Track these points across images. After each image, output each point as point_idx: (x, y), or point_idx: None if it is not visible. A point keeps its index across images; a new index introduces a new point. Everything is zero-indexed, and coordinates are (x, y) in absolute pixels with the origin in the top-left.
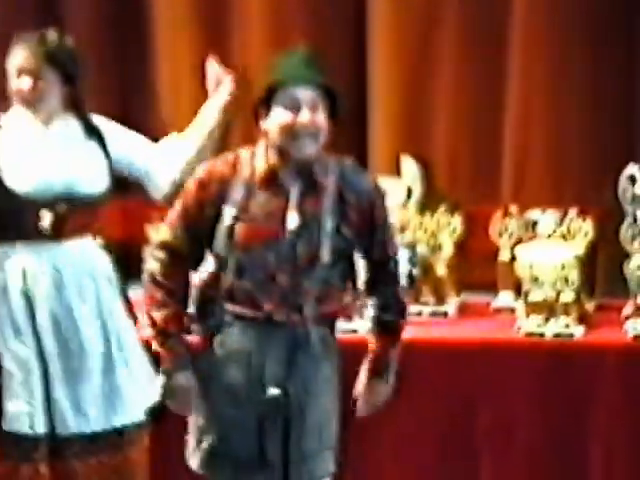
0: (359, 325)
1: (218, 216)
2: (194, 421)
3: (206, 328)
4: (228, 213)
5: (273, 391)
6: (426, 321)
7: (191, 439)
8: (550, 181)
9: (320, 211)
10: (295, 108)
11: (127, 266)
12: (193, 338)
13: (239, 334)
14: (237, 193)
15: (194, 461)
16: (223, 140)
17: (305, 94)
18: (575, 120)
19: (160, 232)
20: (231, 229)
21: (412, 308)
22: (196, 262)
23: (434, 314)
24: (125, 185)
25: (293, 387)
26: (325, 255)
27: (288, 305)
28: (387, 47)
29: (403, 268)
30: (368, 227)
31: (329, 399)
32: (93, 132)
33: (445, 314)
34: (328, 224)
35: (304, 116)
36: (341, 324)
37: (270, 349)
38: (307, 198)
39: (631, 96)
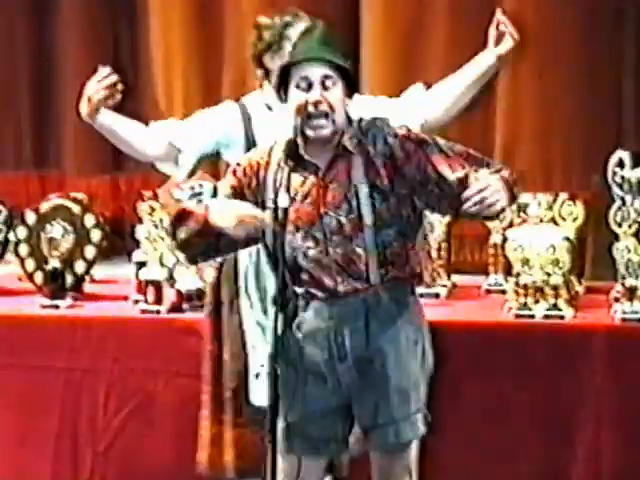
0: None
1: (257, 204)
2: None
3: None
4: (268, 199)
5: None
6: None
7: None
8: (540, 166)
9: (352, 177)
10: (307, 86)
11: (119, 244)
12: None
13: (313, 314)
14: (272, 178)
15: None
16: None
17: (315, 72)
18: (564, 106)
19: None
20: (274, 214)
21: None
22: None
23: (425, 295)
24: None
25: (374, 354)
26: (368, 218)
27: (350, 276)
28: (378, 42)
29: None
30: (412, 169)
31: (415, 362)
32: None
33: (437, 296)
34: (364, 188)
35: (314, 94)
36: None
37: (346, 323)
38: (338, 169)
39: (619, 81)
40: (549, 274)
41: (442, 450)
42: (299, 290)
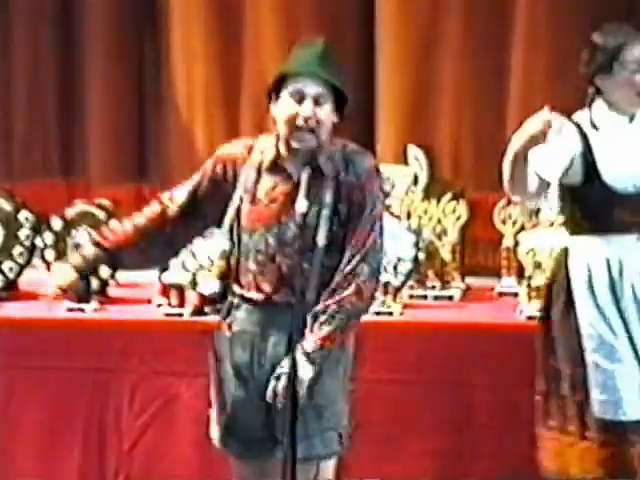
0: (394, 308)
1: (228, 197)
2: (213, 397)
3: (222, 310)
4: (237, 194)
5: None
6: (431, 305)
7: (212, 413)
8: None
9: (320, 197)
10: (299, 99)
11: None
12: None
13: (245, 316)
14: (246, 176)
15: (214, 435)
16: None
17: (310, 87)
18: (576, 110)
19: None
20: (238, 210)
21: (418, 292)
22: (186, 234)
23: (439, 298)
24: None
25: (291, 369)
26: (321, 239)
27: (288, 288)
28: (394, 42)
29: (409, 252)
30: (356, 207)
31: (333, 380)
32: None
33: (450, 298)
34: (327, 210)
35: (306, 109)
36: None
37: (272, 331)
38: (312, 187)
39: None
40: None
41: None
42: (238, 290)
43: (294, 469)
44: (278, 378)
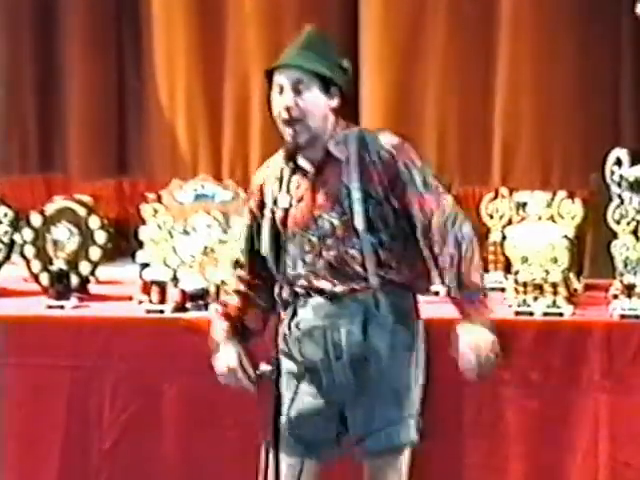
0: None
1: (259, 224)
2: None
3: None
4: (267, 213)
5: (264, 367)
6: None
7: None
8: (538, 164)
9: (345, 181)
10: (280, 92)
11: (123, 246)
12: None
13: (312, 312)
14: (271, 191)
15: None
16: None
17: (286, 77)
18: (563, 104)
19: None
20: (273, 223)
21: None
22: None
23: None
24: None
25: (370, 354)
26: (359, 223)
27: (345, 277)
28: (378, 36)
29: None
30: (394, 181)
31: (406, 367)
32: None
33: (436, 294)
34: (356, 192)
35: (285, 99)
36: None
37: (343, 322)
38: (327, 172)
39: (618, 81)
40: (548, 272)
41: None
42: (298, 290)
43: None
44: None
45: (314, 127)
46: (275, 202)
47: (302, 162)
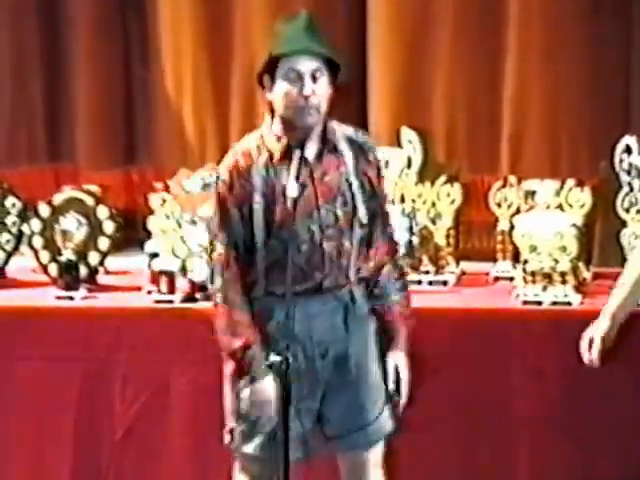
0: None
1: (250, 211)
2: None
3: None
4: (257, 201)
5: (274, 358)
6: (426, 290)
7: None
8: (547, 152)
9: (343, 172)
10: (298, 80)
11: (132, 236)
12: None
13: (297, 310)
14: (259, 178)
15: (249, 446)
16: None
17: (306, 65)
18: (571, 92)
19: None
20: (267, 212)
21: (412, 277)
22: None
23: (433, 283)
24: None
25: (352, 351)
26: (363, 216)
27: (335, 270)
28: (387, 23)
29: (402, 237)
30: (378, 188)
31: (379, 357)
32: None
33: (445, 283)
34: (356, 185)
35: (307, 89)
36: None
37: (325, 319)
38: (326, 162)
39: (627, 68)
40: (557, 261)
41: (447, 437)
42: (278, 289)
43: (287, 469)
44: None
45: (322, 112)
46: (267, 191)
47: (299, 150)
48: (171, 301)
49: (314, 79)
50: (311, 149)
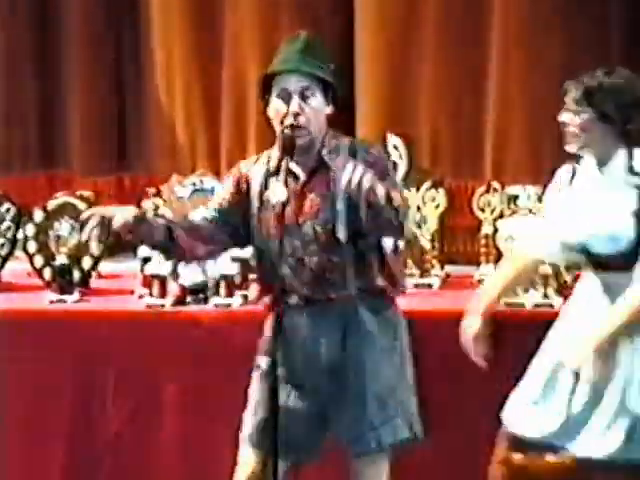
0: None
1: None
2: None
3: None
4: (253, 207)
5: (261, 360)
6: (410, 293)
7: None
8: (530, 159)
9: (332, 191)
10: (286, 98)
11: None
12: None
13: (293, 320)
14: (256, 187)
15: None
16: None
17: (295, 84)
18: (554, 99)
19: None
20: (258, 220)
21: None
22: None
23: (418, 286)
24: None
25: (350, 363)
26: (342, 234)
27: (325, 284)
28: (372, 31)
29: (388, 241)
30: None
31: (391, 368)
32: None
33: (429, 286)
34: (341, 203)
35: (293, 106)
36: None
37: (322, 331)
38: (316, 179)
39: None
40: None
41: (438, 437)
42: (282, 293)
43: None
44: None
45: (315, 132)
46: (259, 200)
47: (294, 167)
48: (162, 305)
49: (304, 98)
50: (304, 166)
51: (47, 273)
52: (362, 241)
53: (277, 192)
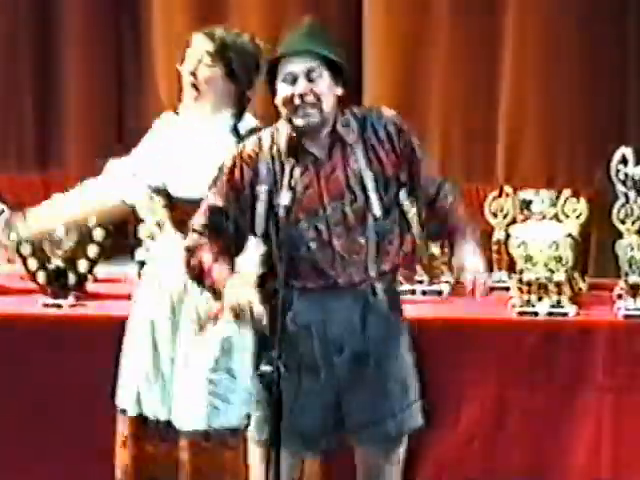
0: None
1: (253, 198)
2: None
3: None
4: (262, 192)
5: (265, 368)
6: (420, 300)
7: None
8: (543, 162)
9: (354, 168)
10: (292, 80)
11: (122, 243)
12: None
13: (308, 307)
14: (267, 170)
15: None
16: None
17: (300, 66)
18: (567, 103)
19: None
20: (270, 205)
21: (406, 287)
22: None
23: (428, 293)
24: None
25: (371, 347)
26: (377, 210)
27: (350, 267)
28: (383, 31)
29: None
30: (403, 157)
31: (409, 353)
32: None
33: (439, 293)
34: (369, 179)
35: (299, 87)
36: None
37: (342, 315)
38: (336, 158)
39: (623, 79)
40: (552, 271)
41: (444, 445)
42: (295, 283)
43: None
44: None
45: (327, 111)
46: (271, 181)
47: (311, 147)
48: None
49: (310, 79)
50: (319, 147)
51: (41, 276)
52: (385, 220)
53: (297, 176)
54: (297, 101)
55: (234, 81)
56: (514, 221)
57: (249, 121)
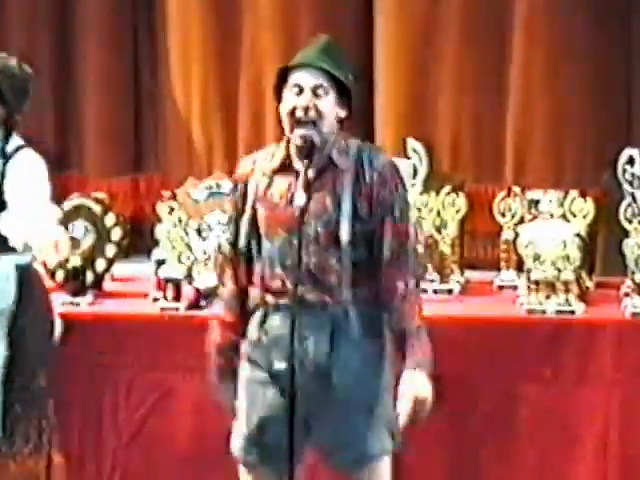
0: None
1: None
2: (241, 406)
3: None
4: (248, 205)
5: (279, 365)
6: (430, 299)
7: (235, 424)
8: (551, 163)
9: (338, 191)
10: (299, 92)
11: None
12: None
13: (280, 322)
14: (255, 185)
15: (235, 445)
16: None
17: (308, 80)
18: (575, 103)
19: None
20: (253, 219)
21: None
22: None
23: (438, 292)
24: None
25: (336, 369)
26: (344, 234)
27: (320, 287)
28: (393, 34)
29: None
30: (380, 205)
31: (378, 378)
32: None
33: (449, 291)
34: (346, 204)
35: (303, 99)
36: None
37: (310, 334)
38: (323, 179)
39: (630, 80)
40: (560, 270)
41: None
42: (269, 297)
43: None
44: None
45: (325, 132)
46: (257, 199)
47: (299, 165)
48: (177, 308)
49: (316, 94)
50: (314, 164)
51: (60, 275)
52: (360, 248)
53: (298, 197)
54: (299, 114)
55: (2, 104)
56: (522, 221)
57: (16, 143)
